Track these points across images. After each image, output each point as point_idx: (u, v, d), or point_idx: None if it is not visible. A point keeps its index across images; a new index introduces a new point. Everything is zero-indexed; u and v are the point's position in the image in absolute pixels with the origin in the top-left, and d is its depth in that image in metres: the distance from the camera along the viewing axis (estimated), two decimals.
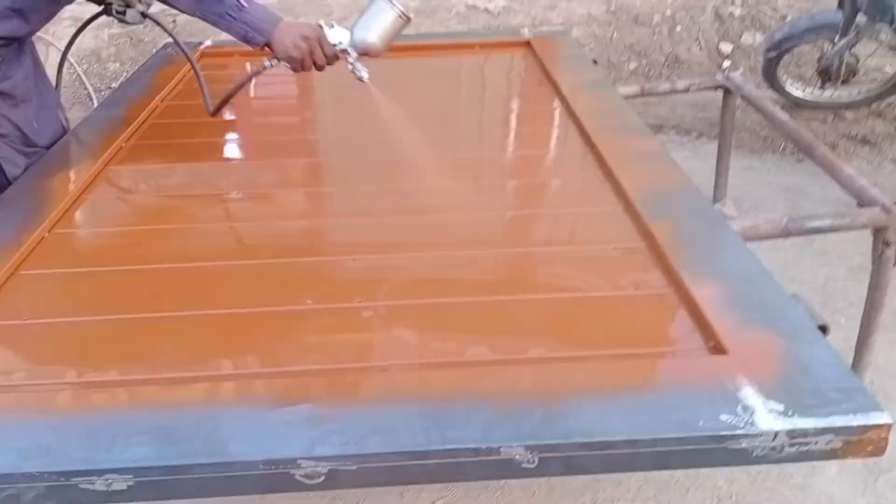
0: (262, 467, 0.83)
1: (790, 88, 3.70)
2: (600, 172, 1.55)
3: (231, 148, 1.90)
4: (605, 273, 1.23)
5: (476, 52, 2.52)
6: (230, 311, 1.14)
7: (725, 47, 4.17)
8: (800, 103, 3.70)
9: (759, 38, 4.19)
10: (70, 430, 0.87)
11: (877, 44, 3.58)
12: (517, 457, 0.84)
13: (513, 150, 1.80)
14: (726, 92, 2.49)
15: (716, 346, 1.00)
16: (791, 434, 0.85)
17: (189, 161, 1.73)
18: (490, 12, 4.39)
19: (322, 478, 0.83)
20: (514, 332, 1.09)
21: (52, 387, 0.97)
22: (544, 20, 4.34)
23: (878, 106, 3.68)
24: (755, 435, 0.85)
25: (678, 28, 4.26)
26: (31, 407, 0.92)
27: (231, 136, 1.95)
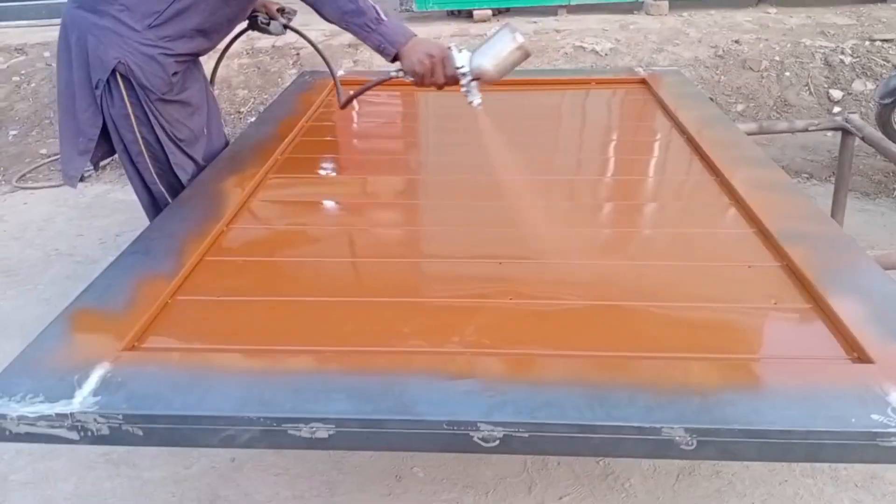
0: (445, 427, 0.93)
1: None
2: (729, 198, 1.61)
3: (366, 163, 2.06)
4: (744, 289, 1.28)
5: (592, 87, 2.62)
6: (400, 300, 1.26)
7: (836, 93, 4.15)
8: None
9: (870, 85, 4.14)
10: (279, 386, 1.00)
11: None
12: (677, 438, 0.91)
13: (638, 175, 1.87)
14: (845, 133, 2.51)
15: (860, 356, 1.05)
16: None
17: (332, 173, 1.93)
18: (598, 53, 4.50)
19: (497, 441, 0.93)
20: (661, 335, 1.16)
21: (253, 352, 1.11)
22: (651, 62, 4.41)
23: None
24: None
25: (787, 73, 4.27)
26: (242, 366, 1.06)
27: (365, 153, 2.13)
